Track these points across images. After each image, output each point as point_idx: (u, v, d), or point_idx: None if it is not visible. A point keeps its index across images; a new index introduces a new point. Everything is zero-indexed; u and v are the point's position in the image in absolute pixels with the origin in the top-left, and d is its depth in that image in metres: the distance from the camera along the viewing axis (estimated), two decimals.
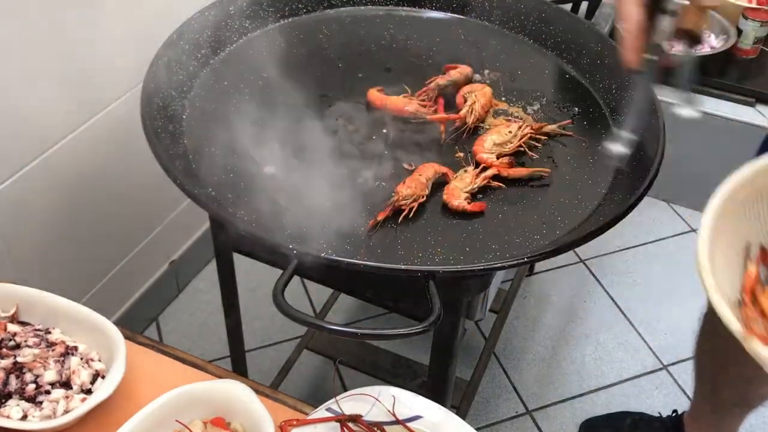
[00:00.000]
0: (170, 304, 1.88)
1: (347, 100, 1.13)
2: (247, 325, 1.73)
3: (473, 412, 1.68)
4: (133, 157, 1.51)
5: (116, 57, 1.39)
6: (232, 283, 1.23)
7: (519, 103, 1.14)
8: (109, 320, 0.83)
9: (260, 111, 1.08)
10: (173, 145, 0.97)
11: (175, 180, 0.87)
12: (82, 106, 1.36)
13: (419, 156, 1.03)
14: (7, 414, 0.75)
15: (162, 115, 1.00)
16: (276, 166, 0.99)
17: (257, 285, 1.90)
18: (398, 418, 0.76)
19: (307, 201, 0.94)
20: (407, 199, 0.92)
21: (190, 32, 1.13)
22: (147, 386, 0.82)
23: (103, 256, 1.59)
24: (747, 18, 1.97)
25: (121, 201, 1.57)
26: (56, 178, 1.35)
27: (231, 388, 0.78)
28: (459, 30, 1.30)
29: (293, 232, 0.89)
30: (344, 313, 1.89)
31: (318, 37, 1.25)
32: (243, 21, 1.22)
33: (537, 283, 2.02)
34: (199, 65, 1.13)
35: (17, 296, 0.85)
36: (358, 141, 1.05)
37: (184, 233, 1.86)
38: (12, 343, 0.81)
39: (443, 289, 0.81)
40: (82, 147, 1.38)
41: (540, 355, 1.83)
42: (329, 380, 1.72)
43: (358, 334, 0.89)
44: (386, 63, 1.21)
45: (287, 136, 1.04)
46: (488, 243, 0.90)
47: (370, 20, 1.31)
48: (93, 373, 0.80)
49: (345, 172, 0.99)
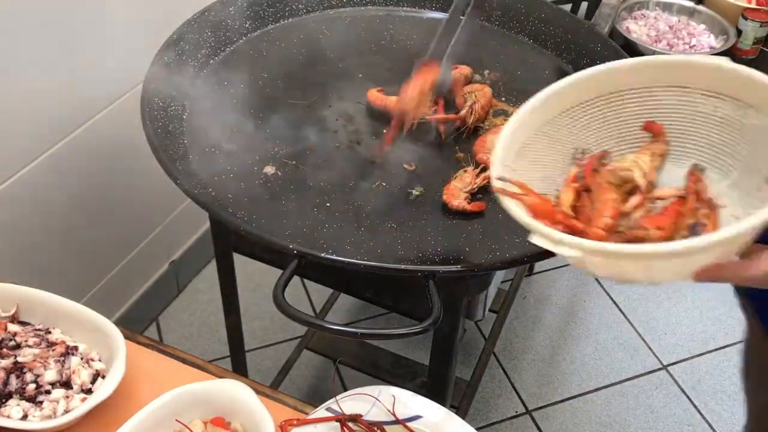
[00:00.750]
0: (170, 304, 1.88)
1: (347, 100, 1.13)
2: (247, 325, 1.74)
3: (473, 412, 1.68)
4: (134, 157, 1.51)
5: (117, 57, 1.39)
6: (232, 283, 1.24)
7: (519, 103, 1.13)
8: (109, 320, 0.83)
9: (260, 111, 1.08)
10: (173, 145, 0.97)
11: (175, 180, 0.87)
12: (82, 106, 1.36)
13: (419, 155, 1.03)
14: (8, 414, 0.75)
15: (162, 115, 1.00)
16: (276, 165, 0.99)
17: (257, 285, 1.90)
18: (398, 418, 0.76)
19: (307, 201, 0.94)
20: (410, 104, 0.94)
21: (190, 32, 1.13)
22: (147, 386, 0.82)
23: (103, 256, 1.59)
24: (746, 18, 1.97)
25: (121, 201, 1.57)
26: (56, 178, 1.35)
27: (231, 388, 0.78)
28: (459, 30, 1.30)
29: (293, 232, 0.89)
30: (344, 313, 1.89)
31: (318, 37, 1.25)
32: (243, 21, 1.22)
33: (537, 283, 2.02)
34: (199, 65, 1.13)
35: (17, 296, 0.85)
36: (358, 141, 1.05)
37: (184, 233, 1.86)
38: (12, 343, 0.81)
39: (443, 289, 0.81)
40: (82, 147, 1.38)
41: (540, 355, 1.83)
42: (329, 380, 1.72)
43: (358, 334, 0.89)
44: (386, 63, 1.21)
45: (287, 136, 1.04)
46: (488, 243, 0.90)
47: (370, 20, 1.31)
48: (93, 373, 0.80)
49: (345, 172, 0.99)
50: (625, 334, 1.89)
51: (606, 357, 1.83)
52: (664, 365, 1.82)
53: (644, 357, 1.84)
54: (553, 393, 1.74)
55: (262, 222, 0.90)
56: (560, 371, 1.79)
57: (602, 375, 1.79)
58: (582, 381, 1.77)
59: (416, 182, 0.98)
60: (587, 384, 1.76)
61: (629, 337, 1.88)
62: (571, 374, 1.79)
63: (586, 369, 1.80)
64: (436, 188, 0.97)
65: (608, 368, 1.81)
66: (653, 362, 1.83)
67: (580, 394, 1.74)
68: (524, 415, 1.69)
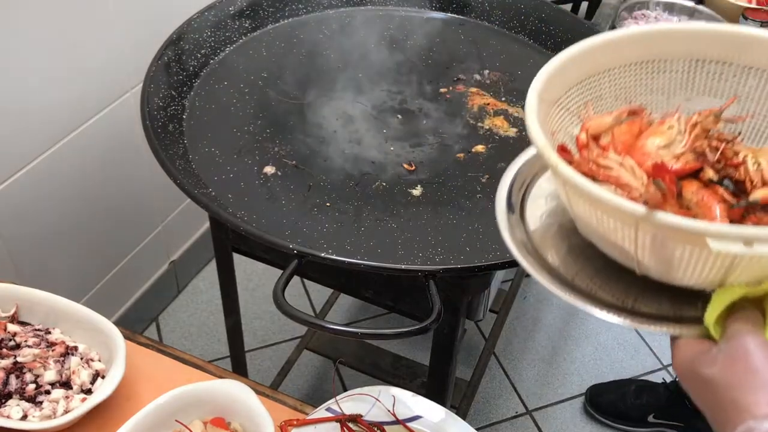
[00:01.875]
0: (170, 304, 1.88)
1: (347, 100, 1.13)
2: (247, 325, 1.74)
3: (473, 412, 1.68)
4: (133, 157, 1.51)
5: (116, 57, 1.39)
6: (232, 283, 1.23)
7: (519, 103, 1.14)
8: (109, 320, 0.83)
9: (260, 111, 1.08)
10: (173, 145, 0.97)
11: (175, 180, 0.87)
12: (82, 105, 1.36)
13: (419, 155, 1.03)
14: (7, 414, 0.75)
15: (162, 115, 1.00)
16: (276, 165, 0.99)
17: (257, 285, 1.90)
18: (398, 418, 0.76)
19: (307, 201, 0.94)
20: None
21: (189, 32, 1.13)
22: (147, 386, 0.82)
23: (103, 256, 1.59)
24: (747, 18, 1.97)
25: (121, 201, 1.57)
26: (56, 178, 1.35)
27: (231, 388, 0.78)
28: (459, 30, 1.30)
29: (293, 232, 0.89)
30: (344, 313, 1.89)
31: (318, 37, 1.25)
32: (243, 21, 1.22)
33: (537, 283, 2.01)
34: (199, 65, 1.13)
35: (17, 296, 0.85)
36: (358, 141, 1.05)
37: (184, 233, 1.86)
38: (12, 343, 0.81)
39: (443, 289, 0.81)
40: (82, 147, 1.38)
41: (540, 355, 1.83)
42: (329, 380, 1.72)
43: (358, 334, 0.89)
44: (386, 63, 1.21)
45: (287, 136, 1.04)
46: (488, 243, 0.90)
47: (369, 20, 1.31)
48: (93, 373, 0.80)
49: (344, 172, 0.99)
50: (625, 334, 1.89)
51: (606, 357, 1.83)
52: (664, 365, 1.82)
53: (644, 357, 1.84)
54: (553, 393, 1.74)
55: (262, 222, 0.90)
56: (560, 371, 1.79)
57: (602, 375, 1.79)
58: (582, 381, 1.77)
59: (416, 182, 0.98)
60: (587, 384, 1.75)
61: (629, 337, 1.88)
62: (571, 374, 1.79)
63: (586, 369, 1.80)
64: (436, 188, 0.97)
65: (608, 368, 1.81)
66: (653, 362, 1.83)
67: (581, 394, 1.74)
68: (524, 415, 1.69)
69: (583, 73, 0.65)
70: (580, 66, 0.65)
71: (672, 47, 0.65)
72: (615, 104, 0.67)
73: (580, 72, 0.65)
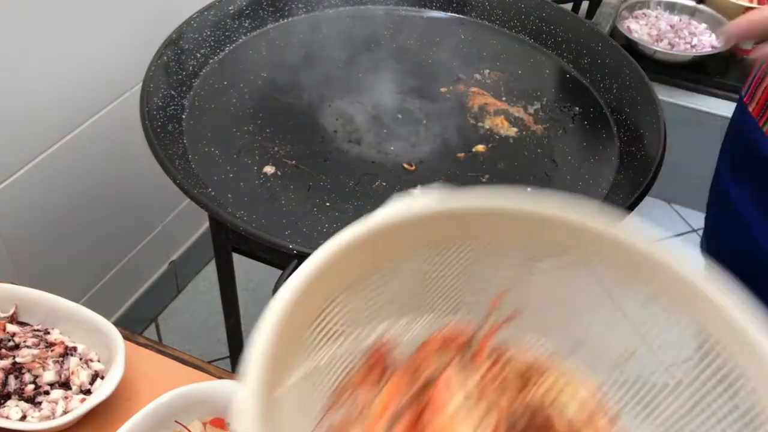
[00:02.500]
0: (170, 304, 1.88)
1: (347, 99, 1.13)
2: (247, 325, 1.73)
3: None
4: (133, 157, 1.51)
5: (115, 56, 1.39)
6: (232, 283, 1.23)
7: (519, 103, 1.13)
8: (108, 320, 0.83)
9: (259, 110, 1.08)
10: (173, 145, 0.97)
11: (175, 180, 0.87)
12: (81, 105, 1.36)
13: (419, 155, 1.03)
14: (6, 414, 0.75)
15: (162, 115, 1.00)
16: (276, 165, 0.98)
17: (257, 285, 1.90)
18: None
19: (307, 201, 0.94)
20: None
21: (189, 32, 1.12)
22: (146, 386, 0.82)
23: (102, 256, 1.59)
24: None
25: (120, 201, 1.57)
26: (56, 178, 1.35)
27: (231, 388, 0.77)
28: (459, 30, 1.30)
29: (293, 232, 0.89)
30: None
31: (318, 37, 1.25)
32: (243, 21, 1.22)
33: None
34: (198, 65, 1.13)
35: (17, 296, 0.85)
36: (358, 141, 1.05)
37: (184, 233, 1.86)
38: (11, 343, 0.81)
39: None
40: (81, 147, 1.38)
41: None
42: None
43: None
44: (386, 63, 1.21)
45: (287, 136, 1.04)
46: None
47: (370, 20, 1.31)
48: (92, 374, 0.80)
49: (345, 172, 0.99)
50: None
51: None
52: None
53: None
54: None
55: (262, 222, 0.90)
56: None
57: None
58: None
59: (416, 182, 0.98)
60: None
61: None
62: None
63: None
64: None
65: None
66: None
67: None
68: None
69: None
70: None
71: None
72: None
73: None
